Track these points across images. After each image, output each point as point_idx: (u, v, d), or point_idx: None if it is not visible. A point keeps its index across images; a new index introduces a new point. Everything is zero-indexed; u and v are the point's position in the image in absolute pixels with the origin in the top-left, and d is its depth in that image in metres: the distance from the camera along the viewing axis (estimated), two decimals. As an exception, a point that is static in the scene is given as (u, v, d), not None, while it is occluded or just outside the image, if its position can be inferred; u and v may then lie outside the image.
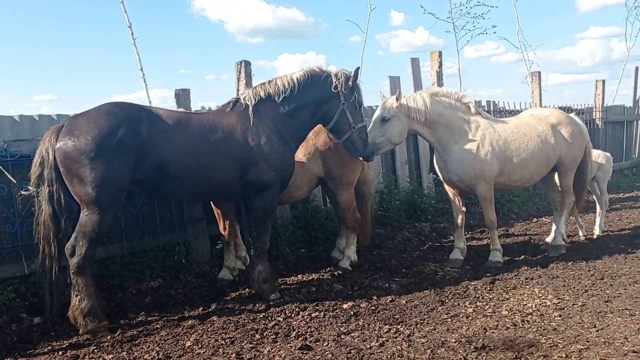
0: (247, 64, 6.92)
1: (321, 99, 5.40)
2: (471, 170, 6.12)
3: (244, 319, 4.77)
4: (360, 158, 5.76)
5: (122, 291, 5.54)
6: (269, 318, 4.80)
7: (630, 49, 18.75)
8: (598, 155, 7.86)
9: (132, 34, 7.38)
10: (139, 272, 5.76)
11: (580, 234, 7.63)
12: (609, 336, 4.11)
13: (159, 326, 4.69)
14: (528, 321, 4.52)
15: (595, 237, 7.58)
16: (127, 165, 4.52)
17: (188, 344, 4.29)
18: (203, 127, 4.95)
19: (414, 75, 9.00)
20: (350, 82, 5.43)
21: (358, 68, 5.51)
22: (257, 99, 5.22)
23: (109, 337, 4.47)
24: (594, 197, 8.04)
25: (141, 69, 7.34)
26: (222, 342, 4.28)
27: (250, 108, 5.16)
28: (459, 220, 6.55)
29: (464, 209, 6.60)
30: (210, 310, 5.07)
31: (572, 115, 7.05)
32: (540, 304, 4.90)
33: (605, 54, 35.18)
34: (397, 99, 5.96)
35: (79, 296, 4.50)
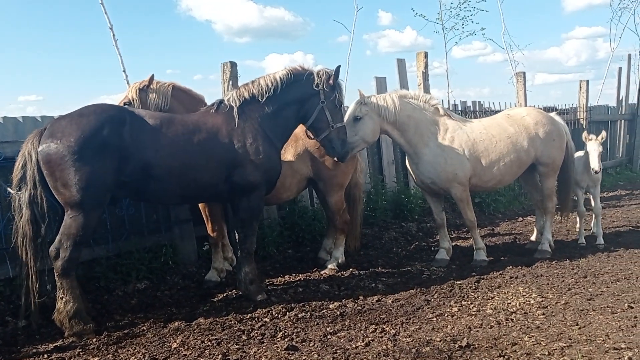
0: (233, 64, 6.91)
1: (303, 97, 5.40)
2: (444, 173, 6.16)
3: (231, 320, 4.77)
4: (335, 158, 5.71)
5: (108, 293, 5.53)
6: (256, 319, 4.81)
7: (614, 49, 19.03)
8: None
9: (113, 35, 7.36)
10: (125, 274, 5.74)
11: (580, 241, 7.27)
12: (591, 334, 4.17)
13: (145, 328, 4.68)
14: (512, 320, 4.57)
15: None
16: (110, 167, 4.50)
17: (174, 345, 4.28)
18: (187, 127, 4.94)
19: (400, 76, 9.05)
20: (331, 81, 5.41)
21: (339, 67, 5.49)
22: (241, 100, 5.22)
23: (94, 339, 4.46)
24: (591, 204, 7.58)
25: (124, 71, 7.33)
26: (209, 343, 4.28)
27: (235, 109, 5.15)
28: (440, 221, 6.59)
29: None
30: (196, 311, 5.07)
31: (552, 114, 7.05)
32: (524, 303, 4.96)
33: (590, 54, 35.57)
34: (363, 102, 6.02)
35: (64, 299, 4.48)
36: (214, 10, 38.50)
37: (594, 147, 6.86)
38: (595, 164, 6.78)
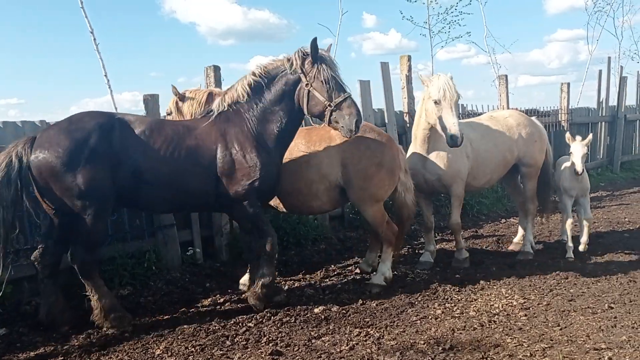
0: (217, 68, 6.90)
1: (287, 89, 4.96)
2: (450, 170, 6.15)
3: (215, 326, 4.75)
4: (348, 135, 4.81)
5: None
6: (240, 324, 4.79)
7: (592, 52, 19.31)
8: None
9: (94, 39, 7.31)
10: (108, 280, 5.67)
11: (568, 255, 6.67)
12: (572, 334, 4.22)
13: (128, 334, 4.64)
14: (495, 321, 4.61)
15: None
16: (104, 173, 4.52)
17: (158, 352, 4.26)
18: (177, 133, 4.88)
19: (384, 79, 9.08)
20: (309, 58, 4.86)
21: (315, 39, 4.82)
22: (224, 107, 5.06)
23: (77, 346, 4.42)
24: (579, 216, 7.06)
25: (105, 75, 7.27)
26: (193, 349, 4.26)
27: (214, 116, 5.02)
28: (430, 224, 6.63)
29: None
30: (180, 317, 5.04)
31: (532, 118, 7.17)
32: (506, 304, 5.01)
33: (572, 56, 35.99)
34: None
35: (95, 297, 4.70)
36: (198, 13, 38.34)
37: (577, 148, 6.54)
38: (578, 165, 6.46)
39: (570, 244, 6.66)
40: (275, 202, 5.66)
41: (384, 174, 5.49)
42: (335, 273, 6.35)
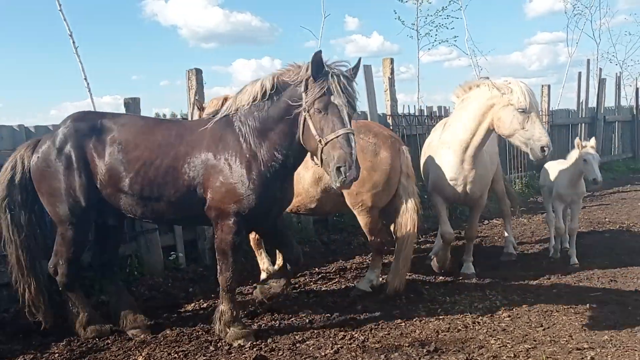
0: (199, 71, 6.85)
1: (290, 106, 4.05)
2: (488, 181, 6.05)
3: (198, 331, 4.70)
4: (337, 185, 3.81)
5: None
6: (224, 329, 4.75)
7: (572, 54, 19.59)
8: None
9: (73, 42, 7.22)
10: (88, 287, 5.59)
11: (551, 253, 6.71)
12: (554, 334, 4.26)
13: (109, 341, 4.58)
14: (479, 322, 4.63)
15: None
16: (82, 180, 4.35)
17: (140, 359, 4.20)
18: (169, 137, 4.41)
19: (366, 81, 9.09)
20: (309, 74, 3.91)
21: (319, 52, 3.89)
22: (224, 115, 4.35)
23: (57, 353, 4.35)
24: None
25: (85, 78, 7.19)
26: (176, 355, 4.21)
27: (218, 125, 4.33)
28: (452, 235, 6.10)
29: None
30: (163, 322, 4.97)
31: None
32: (490, 305, 5.03)
33: (552, 58, 36.54)
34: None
35: (75, 310, 4.66)
36: (179, 16, 38.23)
37: (592, 155, 6.03)
38: (598, 176, 5.98)
39: (554, 243, 6.70)
40: None
41: (377, 178, 5.23)
42: (320, 276, 6.33)
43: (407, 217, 5.31)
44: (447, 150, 5.73)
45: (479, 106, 5.48)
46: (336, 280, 6.15)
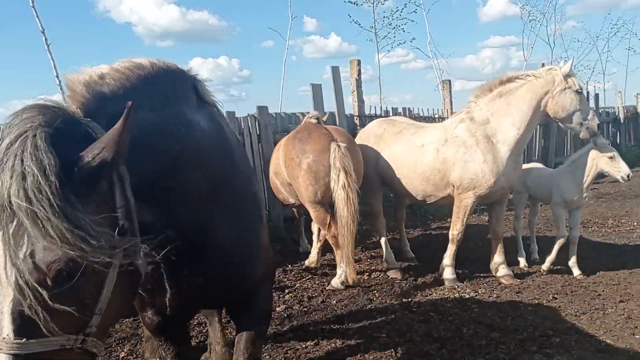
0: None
1: None
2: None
3: (178, 327, 4.75)
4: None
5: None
6: (204, 324, 4.82)
7: (527, 58, 20.35)
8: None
9: (45, 39, 7.12)
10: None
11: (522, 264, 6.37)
12: (521, 323, 4.51)
13: (89, 339, 4.58)
14: (451, 314, 4.85)
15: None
16: None
17: (122, 354, 4.24)
18: None
19: (334, 83, 9.26)
20: None
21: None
22: None
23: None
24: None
25: (57, 76, 7.10)
26: (158, 350, 4.26)
27: None
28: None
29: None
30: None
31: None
32: (460, 298, 5.27)
33: (505, 61, 37.65)
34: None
35: None
36: (134, 13, 37.54)
37: (615, 151, 5.68)
38: (628, 168, 5.56)
39: (552, 255, 6.02)
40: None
41: (304, 175, 5.51)
42: (293, 273, 6.46)
43: (340, 210, 5.39)
44: (501, 146, 5.57)
45: (534, 95, 5.52)
46: (309, 277, 6.29)
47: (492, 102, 5.70)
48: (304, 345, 4.26)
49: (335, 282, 5.76)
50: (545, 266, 6.04)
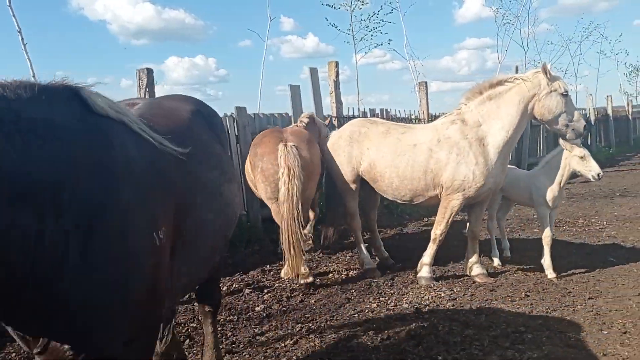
0: (150, 71, 6.86)
1: None
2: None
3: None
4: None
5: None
6: (183, 324, 4.85)
7: (502, 60, 20.71)
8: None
9: (22, 39, 7.05)
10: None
11: (496, 263, 6.52)
12: (495, 321, 4.64)
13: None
14: (426, 312, 4.96)
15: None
16: None
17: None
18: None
19: (312, 83, 9.34)
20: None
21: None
22: None
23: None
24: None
25: (33, 76, 7.02)
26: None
27: None
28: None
29: None
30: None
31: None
32: (435, 296, 5.39)
33: (480, 63, 38.31)
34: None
35: None
36: (108, 10, 37.09)
37: (586, 151, 5.80)
38: (598, 168, 5.72)
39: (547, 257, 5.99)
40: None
41: (259, 175, 6.01)
42: (272, 273, 6.50)
43: (280, 204, 5.70)
44: (491, 149, 5.68)
45: (521, 98, 5.67)
46: (288, 277, 6.32)
47: (482, 105, 5.82)
48: (283, 345, 4.32)
49: (282, 272, 6.22)
50: (548, 273, 5.88)
